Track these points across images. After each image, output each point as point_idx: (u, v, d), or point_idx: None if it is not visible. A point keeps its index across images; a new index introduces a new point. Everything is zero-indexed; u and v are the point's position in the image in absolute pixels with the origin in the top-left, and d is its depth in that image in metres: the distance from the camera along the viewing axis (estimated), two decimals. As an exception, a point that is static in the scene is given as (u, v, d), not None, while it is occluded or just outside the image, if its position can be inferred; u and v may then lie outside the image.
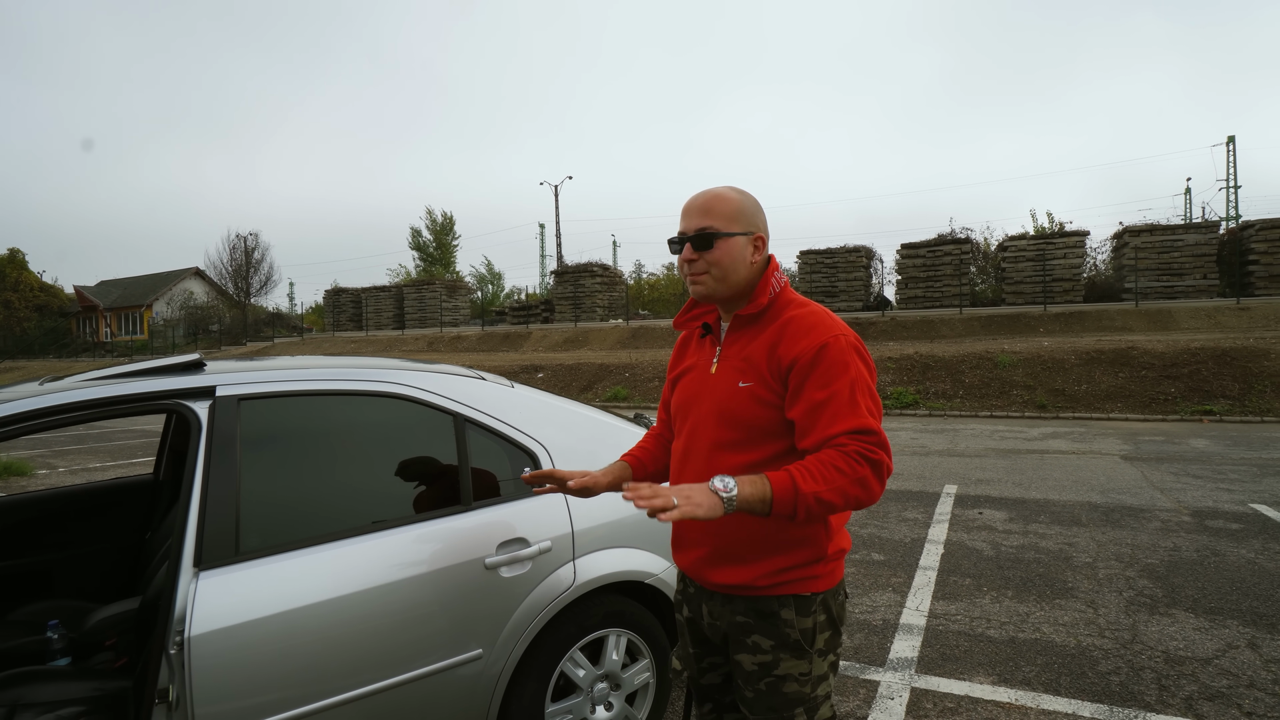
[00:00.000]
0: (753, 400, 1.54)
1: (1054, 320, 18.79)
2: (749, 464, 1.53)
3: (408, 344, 28.19)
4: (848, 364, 1.48)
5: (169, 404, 1.98)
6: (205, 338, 40.34)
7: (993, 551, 4.87)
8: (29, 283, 49.59)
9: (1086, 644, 3.42)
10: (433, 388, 2.30)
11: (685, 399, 1.69)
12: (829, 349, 1.48)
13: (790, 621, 1.54)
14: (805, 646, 1.55)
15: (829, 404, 1.45)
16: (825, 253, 25.22)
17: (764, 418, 1.53)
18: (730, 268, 1.58)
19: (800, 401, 1.49)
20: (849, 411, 1.45)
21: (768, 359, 1.53)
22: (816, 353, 1.48)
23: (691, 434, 1.64)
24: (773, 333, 1.55)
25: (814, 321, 1.53)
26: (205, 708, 1.72)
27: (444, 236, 51.29)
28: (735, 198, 1.60)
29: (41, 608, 2.74)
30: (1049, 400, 12.70)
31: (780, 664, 1.55)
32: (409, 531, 2.09)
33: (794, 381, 1.50)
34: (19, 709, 2.01)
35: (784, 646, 1.55)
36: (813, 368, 1.48)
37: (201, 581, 1.79)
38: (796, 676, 1.55)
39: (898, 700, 2.95)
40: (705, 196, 1.60)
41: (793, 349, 1.50)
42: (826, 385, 1.46)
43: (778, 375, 1.52)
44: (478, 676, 2.12)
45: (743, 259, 1.59)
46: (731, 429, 1.56)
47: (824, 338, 1.49)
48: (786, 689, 1.55)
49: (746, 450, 1.55)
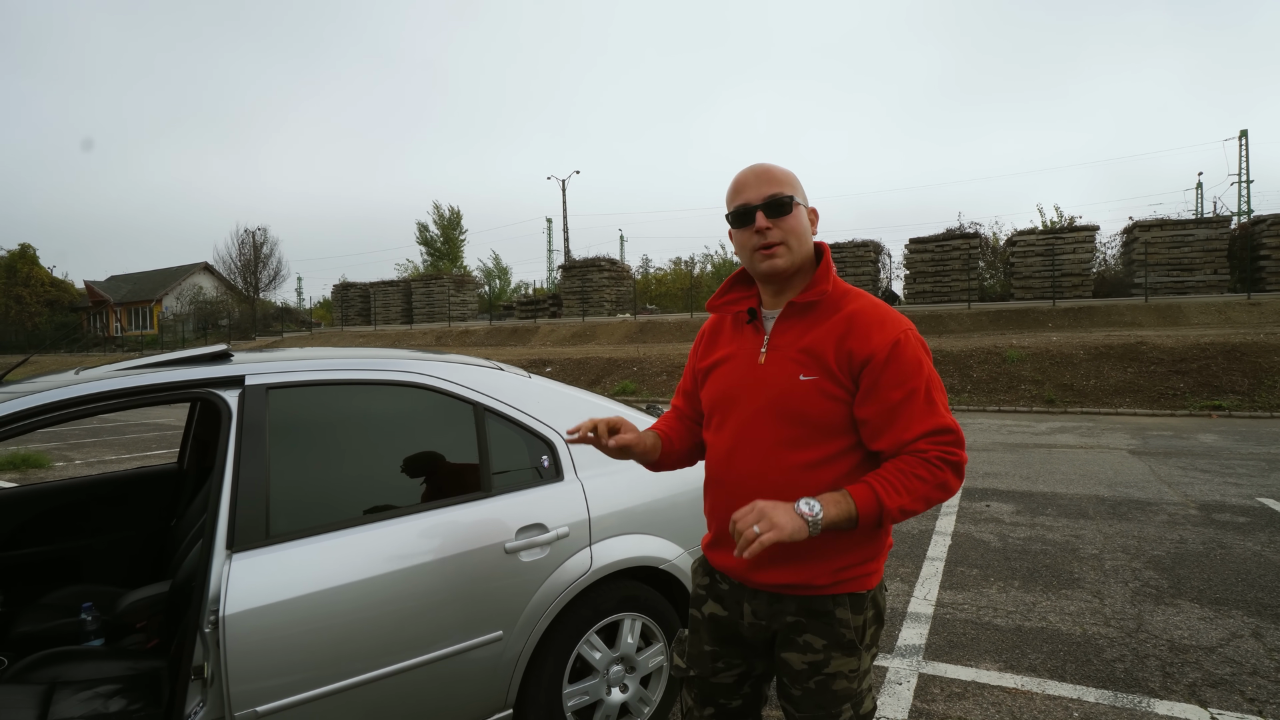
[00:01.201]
0: (819, 395, 1.46)
1: (1063, 315, 18.75)
2: (811, 461, 1.47)
3: (416, 338, 28.31)
4: (921, 361, 1.44)
5: (201, 392, 2.05)
6: (214, 332, 40.62)
7: (1000, 543, 4.92)
8: (40, 278, 49.96)
9: (1092, 632, 3.47)
10: (453, 377, 2.36)
11: (727, 390, 1.58)
12: (903, 346, 1.43)
13: (845, 621, 1.49)
14: (857, 644, 1.50)
15: (906, 404, 1.41)
16: (833, 247, 25.18)
17: (830, 412, 1.46)
18: (804, 237, 1.52)
19: (874, 400, 1.43)
20: (926, 411, 1.41)
21: (835, 352, 1.45)
22: (891, 349, 1.42)
23: (742, 429, 1.53)
24: (837, 324, 1.47)
25: (881, 315, 1.47)
26: (239, 685, 1.79)
27: (451, 231, 51.39)
28: (787, 171, 1.54)
29: (73, 591, 2.83)
30: (1057, 395, 12.70)
31: (831, 662, 1.49)
32: (432, 517, 2.16)
33: (867, 379, 1.43)
34: (58, 686, 2.09)
35: (837, 645, 1.49)
36: (887, 365, 1.42)
37: (234, 563, 1.86)
38: (846, 674, 1.50)
39: (905, 685, 3.01)
40: (763, 169, 1.52)
41: (866, 344, 1.43)
42: (902, 384, 1.42)
43: (848, 370, 1.45)
44: (498, 658, 2.18)
45: (808, 231, 1.54)
46: (793, 425, 1.47)
47: (896, 333, 1.44)
48: (836, 686, 1.49)
49: (809, 447, 1.47)
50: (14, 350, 42.87)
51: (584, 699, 2.40)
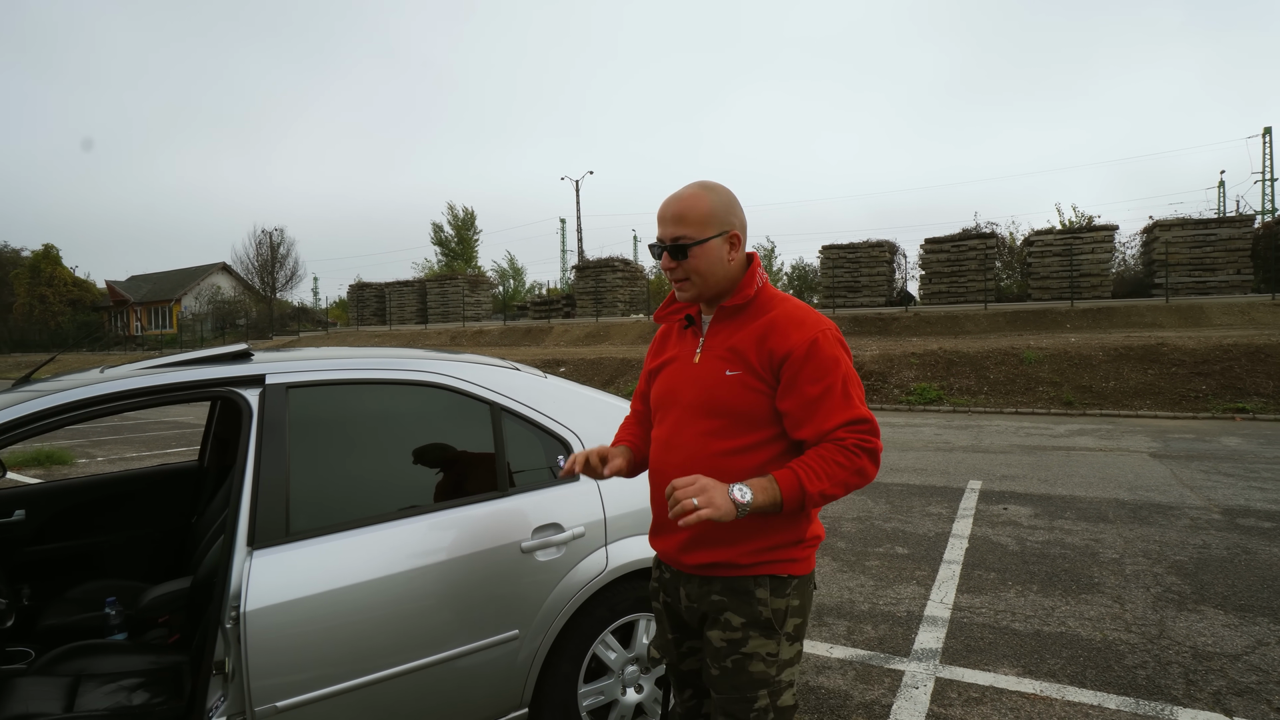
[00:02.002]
0: (741, 388, 1.59)
1: (1081, 316, 18.54)
2: (734, 449, 1.59)
3: (430, 338, 28.47)
4: (838, 358, 1.56)
5: (222, 391, 2.07)
6: (232, 332, 41.06)
7: (1018, 546, 4.87)
8: (63, 278, 50.73)
9: (1113, 638, 3.43)
10: (470, 377, 2.37)
11: (667, 389, 1.73)
12: (819, 344, 1.55)
13: (764, 600, 1.58)
14: (775, 626, 1.58)
15: (824, 398, 1.53)
16: (848, 248, 25.07)
17: (751, 404, 1.59)
18: (708, 272, 1.62)
19: (794, 395, 1.55)
20: (843, 404, 1.53)
21: (756, 350, 1.58)
22: (809, 348, 1.54)
23: (676, 423, 1.67)
24: (760, 326, 1.60)
25: (801, 316, 1.60)
26: (259, 680, 1.81)
27: (465, 232, 51.66)
28: (706, 199, 1.62)
29: (97, 586, 2.87)
30: (1076, 397, 12.56)
31: (749, 642, 1.58)
32: (449, 515, 2.17)
33: (787, 374, 1.56)
34: (83, 679, 2.13)
35: (754, 624, 1.58)
36: (805, 362, 1.54)
37: (255, 560, 1.88)
38: (764, 656, 1.58)
39: (922, 689, 2.99)
40: (676, 204, 1.62)
41: (784, 343, 1.56)
42: (820, 379, 1.54)
43: (768, 367, 1.57)
44: (514, 656, 2.19)
45: (719, 260, 1.63)
46: (718, 416, 1.61)
47: (813, 333, 1.56)
48: (752, 668, 1.57)
49: (731, 437, 1.60)
50: (38, 349, 43.57)
51: (599, 699, 2.40)
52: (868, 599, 4.02)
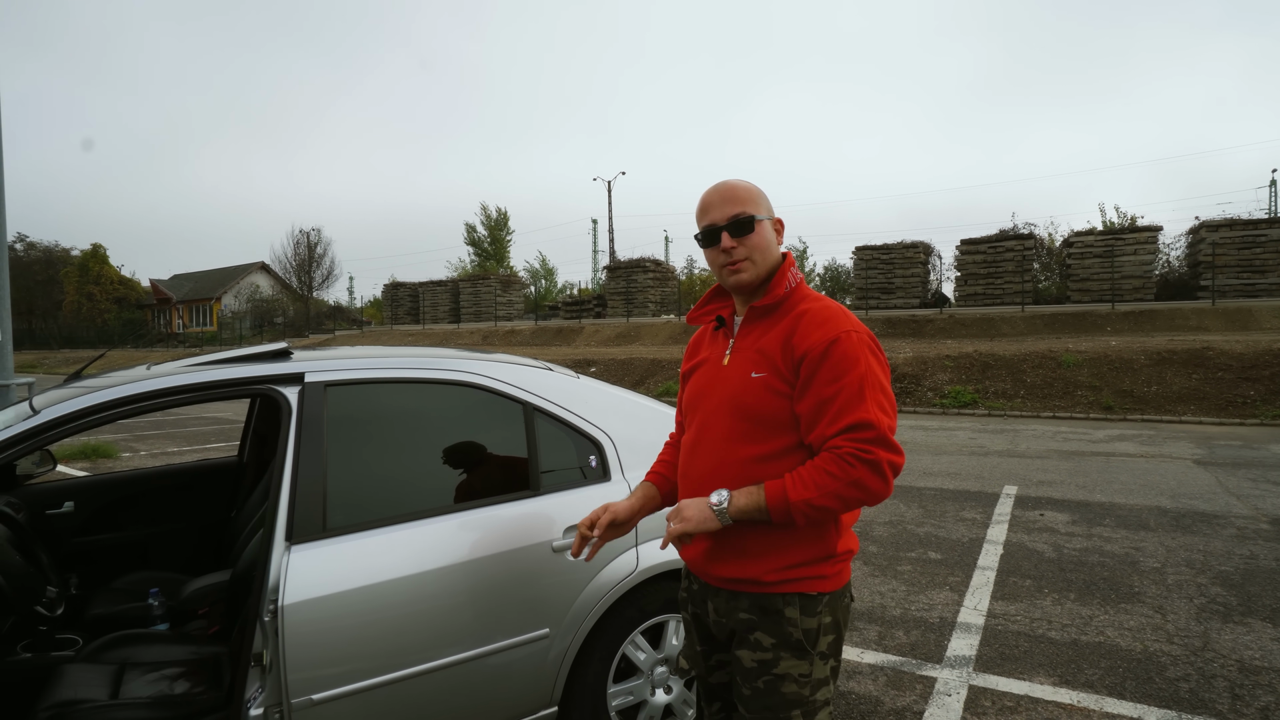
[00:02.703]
0: (766, 391, 1.53)
1: (1122, 319, 18.07)
2: (761, 455, 1.53)
3: (463, 337, 28.79)
4: (858, 359, 1.47)
5: (263, 389, 2.12)
6: (270, 330, 41.96)
7: (1054, 553, 4.77)
8: (109, 276, 52.33)
9: (1154, 649, 3.34)
10: (504, 377, 2.39)
11: (697, 392, 1.69)
12: (840, 343, 1.48)
13: (794, 620, 1.51)
14: (807, 647, 1.52)
15: (835, 399, 1.45)
16: (882, 248, 24.76)
17: (776, 408, 1.52)
18: (766, 251, 1.60)
19: (808, 395, 1.49)
20: (853, 406, 1.44)
21: (782, 350, 1.53)
22: (828, 346, 1.48)
23: (703, 426, 1.63)
24: (788, 324, 1.55)
25: (828, 315, 1.53)
26: (297, 672, 1.85)
27: (498, 232, 52.10)
28: (751, 185, 1.62)
29: (141, 577, 2.96)
30: (1116, 401, 12.25)
31: (780, 663, 1.51)
32: (481, 514, 2.19)
33: (804, 374, 1.50)
34: (128, 667, 2.19)
35: (785, 645, 1.52)
36: (822, 361, 1.47)
37: (293, 555, 1.92)
38: (796, 677, 1.51)
39: (955, 697, 2.94)
40: (723, 188, 1.61)
41: (805, 341, 1.50)
42: (834, 380, 1.46)
43: (791, 367, 1.52)
44: (544, 655, 2.21)
45: (773, 243, 1.61)
46: (743, 420, 1.55)
47: (836, 332, 1.49)
48: (785, 689, 1.51)
49: (758, 442, 1.54)
50: (85, 345, 44.99)
51: (628, 699, 2.41)
52: (900, 604, 3.97)
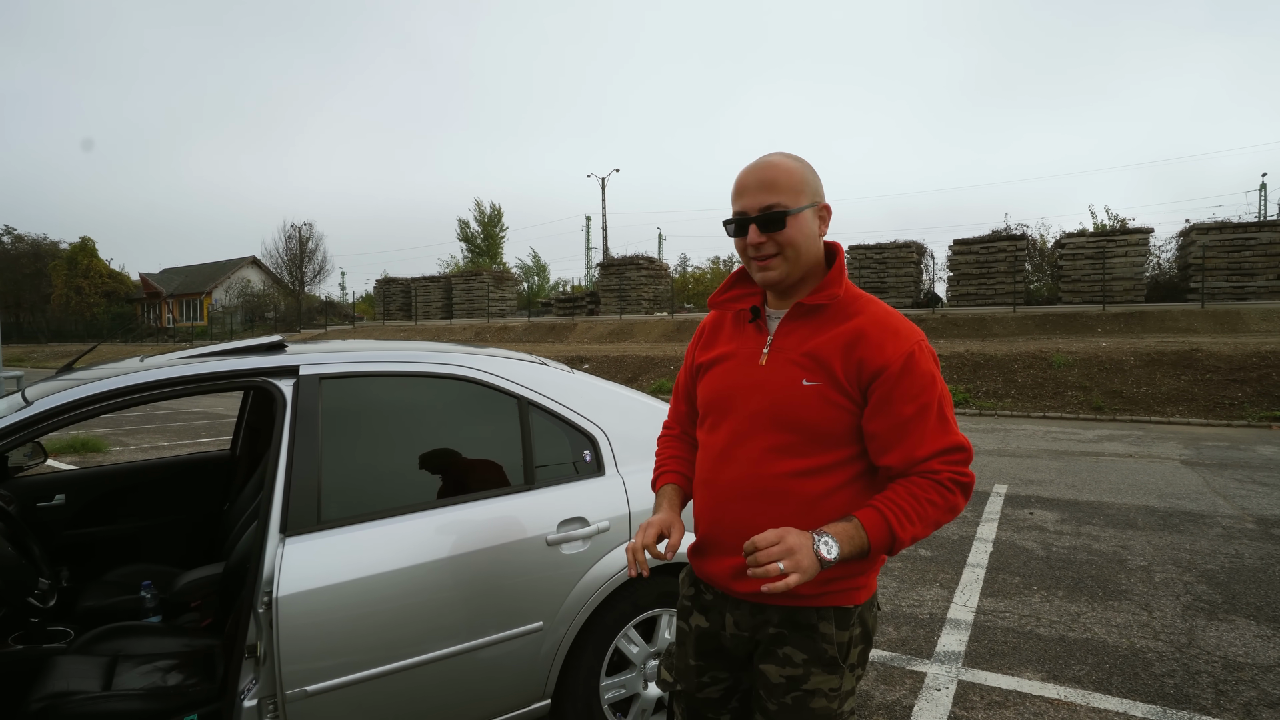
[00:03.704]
0: (821, 401, 1.39)
1: (1113, 320, 18.20)
2: (803, 470, 1.41)
3: (456, 334, 28.72)
4: (934, 375, 1.38)
5: (257, 381, 2.12)
6: (261, 325, 41.75)
7: (1043, 551, 4.81)
8: (98, 270, 51.91)
9: (1140, 646, 3.38)
10: (499, 371, 2.40)
11: (725, 391, 1.51)
12: (916, 358, 1.37)
13: (829, 636, 1.43)
14: (840, 662, 1.43)
15: (918, 421, 1.36)
16: (875, 248, 24.85)
17: (832, 420, 1.39)
18: (804, 247, 1.43)
19: (886, 415, 1.37)
20: (939, 429, 1.36)
21: (844, 360, 1.39)
22: (905, 361, 1.36)
23: (736, 432, 1.47)
24: (848, 331, 1.40)
25: (896, 324, 1.40)
26: (291, 664, 1.86)
27: (492, 228, 51.98)
28: (796, 166, 1.44)
29: (133, 570, 2.95)
30: (1105, 402, 12.34)
31: (811, 678, 1.43)
32: (476, 507, 2.20)
33: (879, 392, 1.37)
34: (120, 659, 2.19)
35: (818, 661, 1.43)
36: (901, 378, 1.36)
37: (287, 547, 1.92)
38: (826, 692, 1.43)
39: (944, 692, 2.97)
40: (765, 169, 1.43)
41: (879, 354, 1.37)
42: (915, 398, 1.36)
43: (856, 381, 1.38)
44: (537, 648, 2.22)
45: (812, 235, 1.44)
46: (789, 431, 1.41)
47: (910, 345, 1.38)
48: (814, 704, 1.42)
49: (802, 455, 1.41)
50: (74, 339, 44.64)
51: (621, 692, 2.42)
52: (890, 600, 4.00)
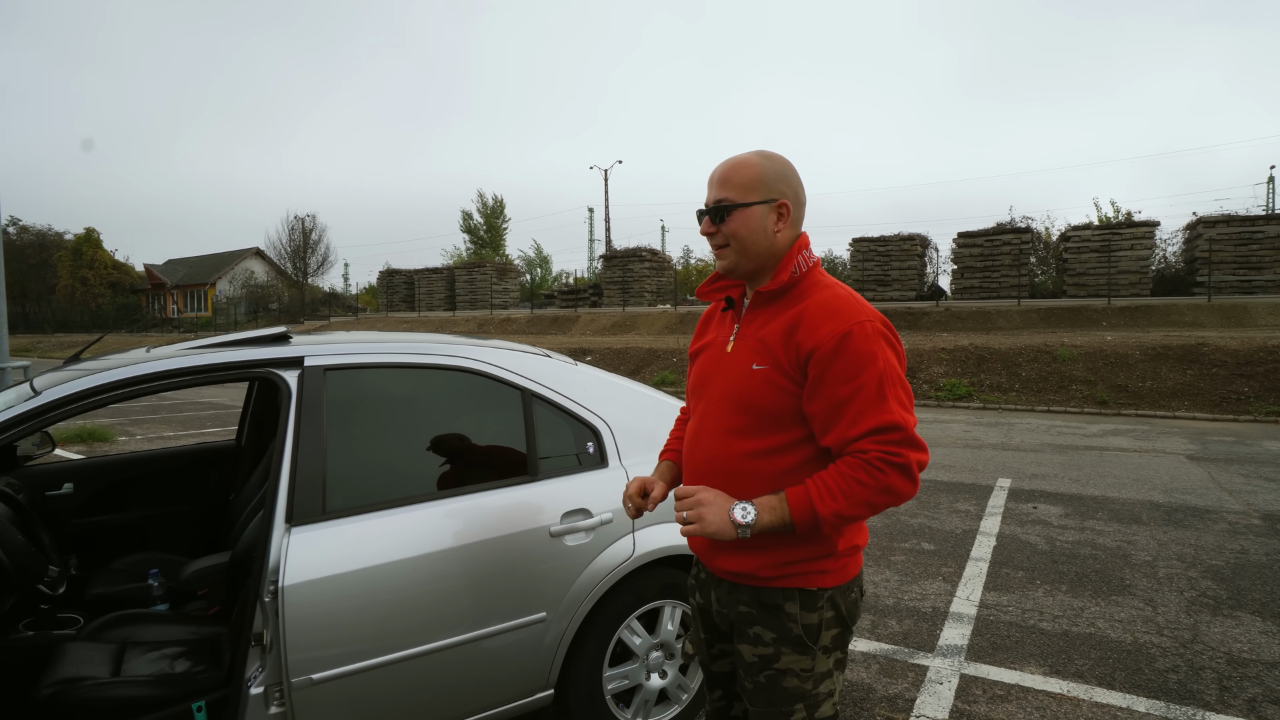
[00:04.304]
0: (767, 385, 1.45)
1: (1118, 314, 18.13)
2: (760, 451, 1.46)
3: (459, 325, 28.73)
4: (874, 354, 1.38)
5: (263, 372, 2.13)
6: (265, 316, 41.82)
7: (1047, 546, 4.81)
8: (103, 260, 52.02)
9: (1144, 641, 3.38)
10: (502, 363, 2.40)
11: (702, 377, 1.62)
12: (852, 338, 1.38)
13: (794, 616, 1.47)
14: (808, 642, 1.48)
15: (852, 401, 1.37)
16: (879, 240, 24.76)
17: (778, 404, 1.45)
18: (749, 239, 1.50)
19: (820, 396, 1.40)
20: (874, 408, 1.36)
21: (784, 344, 1.44)
22: (838, 342, 1.38)
23: (704, 415, 1.57)
24: (793, 315, 1.45)
25: (837, 306, 1.42)
26: (297, 653, 1.87)
27: (494, 220, 51.93)
28: (756, 163, 1.50)
29: (141, 558, 2.97)
30: (1110, 396, 12.30)
31: (781, 658, 1.48)
32: (479, 498, 2.20)
33: (814, 373, 1.40)
34: (129, 646, 2.21)
35: (786, 640, 1.48)
36: (834, 359, 1.38)
37: (293, 536, 1.93)
38: (798, 672, 1.48)
39: (947, 685, 2.97)
40: (725, 166, 1.52)
41: (812, 336, 1.40)
42: (850, 379, 1.37)
43: (795, 363, 1.43)
44: (541, 638, 2.23)
45: (761, 230, 1.49)
46: (743, 414, 1.48)
47: (846, 325, 1.39)
48: (786, 683, 1.48)
49: (756, 437, 1.47)
50: (80, 329, 44.79)
51: (623, 683, 2.43)
52: (892, 594, 4.00)
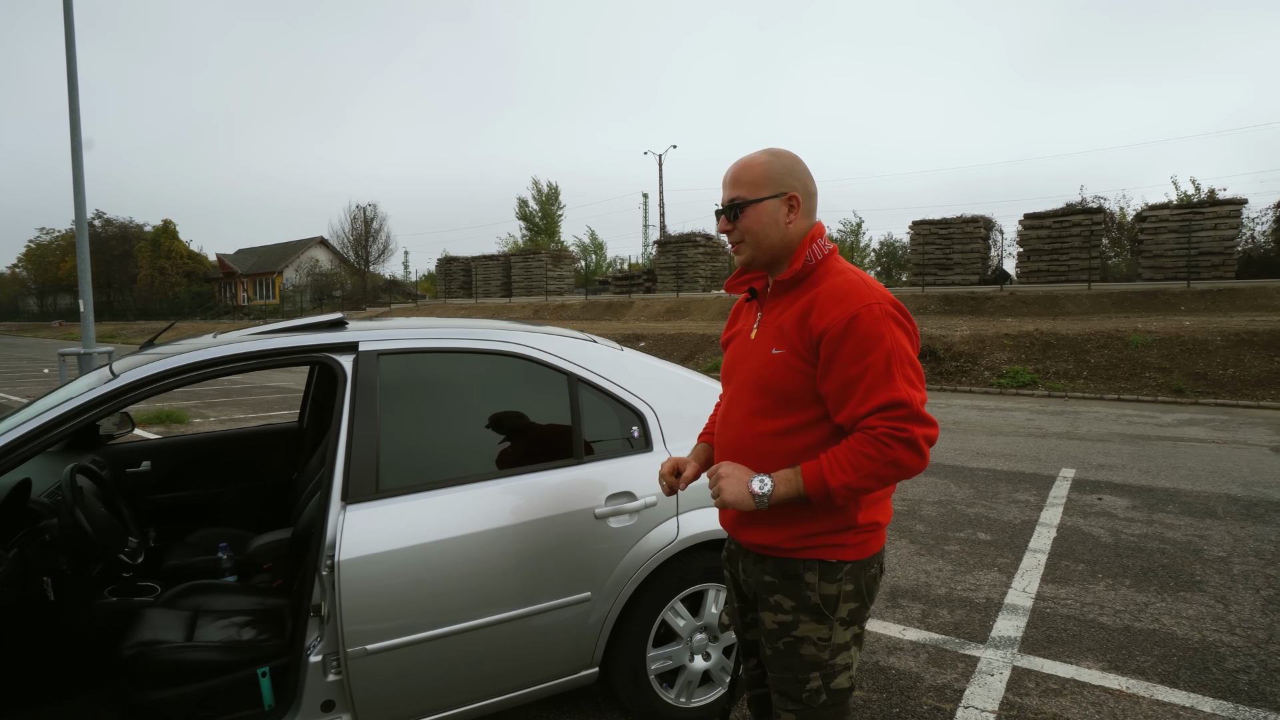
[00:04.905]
0: (785, 368, 1.54)
1: (1198, 298, 17.19)
2: (781, 430, 1.56)
3: (514, 311, 29.17)
4: (882, 335, 1.45)
5: (320, 356, 2.22)
6: (329, 303, 43.26)
7: (1111, 538, 4.63)
8: (179, 251, 54.57)
9: (1213, 639, 3.23)
10: (549, 348, 2.44)
11: (730, 364, 1.73)
12: (860, 319, 1.45)
13: (813, 585, 1.56)
14: (825, 612, 1.56)
15: (862, 379, 1.44)
16: (940, 223, 24.02)
17: (795, 385, 1.54)
18: (762, 233, 1.59)
19: (832, 376, 1.48)
20: (882, 386, 1.43)
21: (799, 328, 1.53)
22: (847, 324, 1.46)
23: (731, 399, 1.68)
24: (806, 301, 1.54)
25: (846, 290, 1.50)
26: (352, 624, 1.96)
27: (549, 207, 52.35)
28: (763, 161, 1.60)
29: (211, 533, 3.14)
30: (1187, 384, 11.70)
31: (799, 625, 1.57)
32: (526, 480, 2.26)
33: (825, 354, 1.49)
34: (200, 614, 2.35)
35: (804, 609, 1.56)
36: (843, 340, 1.46)
37: (348, 514, 2.02)
38: (815, 640, 1.56)
39: (998, 677, 2.91)
40: (735, 166, 1.62)
41: (823, 319, 1.49)
42: (860, 359, 1.45)
43: (809, 346, 1.51)
44: (586, 617, 2.28)
45: (774, 223, 1.59)
46: (764, 395, 1.58)
47: (855, 308, 1.46)
48: (804, 651, 1.56)
49: (778, 417, 1.57)
50: (158, 316, 47.21)
51: (667, 663, 2.47)
52: (945, 584, 3.93)
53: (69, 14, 9.96)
